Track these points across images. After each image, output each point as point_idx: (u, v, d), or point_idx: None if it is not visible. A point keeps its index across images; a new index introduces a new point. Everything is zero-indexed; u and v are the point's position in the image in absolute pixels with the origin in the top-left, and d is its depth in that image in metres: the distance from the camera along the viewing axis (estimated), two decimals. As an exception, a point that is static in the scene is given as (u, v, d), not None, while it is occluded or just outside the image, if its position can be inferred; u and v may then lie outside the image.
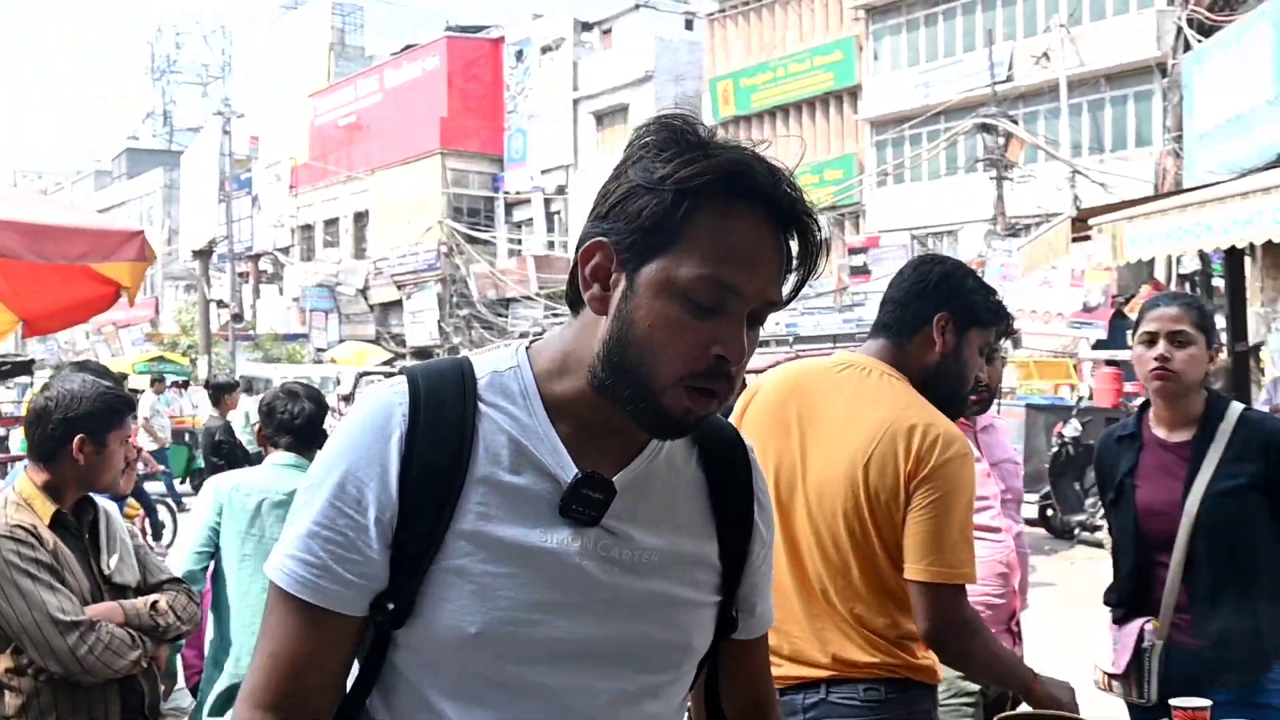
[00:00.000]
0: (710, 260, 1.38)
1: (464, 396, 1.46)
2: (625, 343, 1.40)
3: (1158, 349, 3.36)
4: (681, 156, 1.39)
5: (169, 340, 42.18)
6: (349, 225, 48.56)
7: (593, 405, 1.46)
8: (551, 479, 1.45)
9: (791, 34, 35.74)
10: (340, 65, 52.20)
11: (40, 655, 3.02)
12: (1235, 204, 8.70)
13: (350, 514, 1.42)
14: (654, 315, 1.39)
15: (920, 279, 2.85)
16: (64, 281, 5.91)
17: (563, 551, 1.44)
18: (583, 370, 1.45)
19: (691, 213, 1.38)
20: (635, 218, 1.40)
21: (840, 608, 2.68)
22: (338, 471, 1.44)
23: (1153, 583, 3.42)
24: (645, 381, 1.40)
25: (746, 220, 1.40)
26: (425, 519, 1.42)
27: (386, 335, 44.13)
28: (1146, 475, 3.47)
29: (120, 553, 3.30)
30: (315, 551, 1.42)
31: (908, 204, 31.90)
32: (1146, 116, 27.19)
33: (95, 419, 3.22)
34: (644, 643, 1.51)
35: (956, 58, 30.79)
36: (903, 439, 2.62)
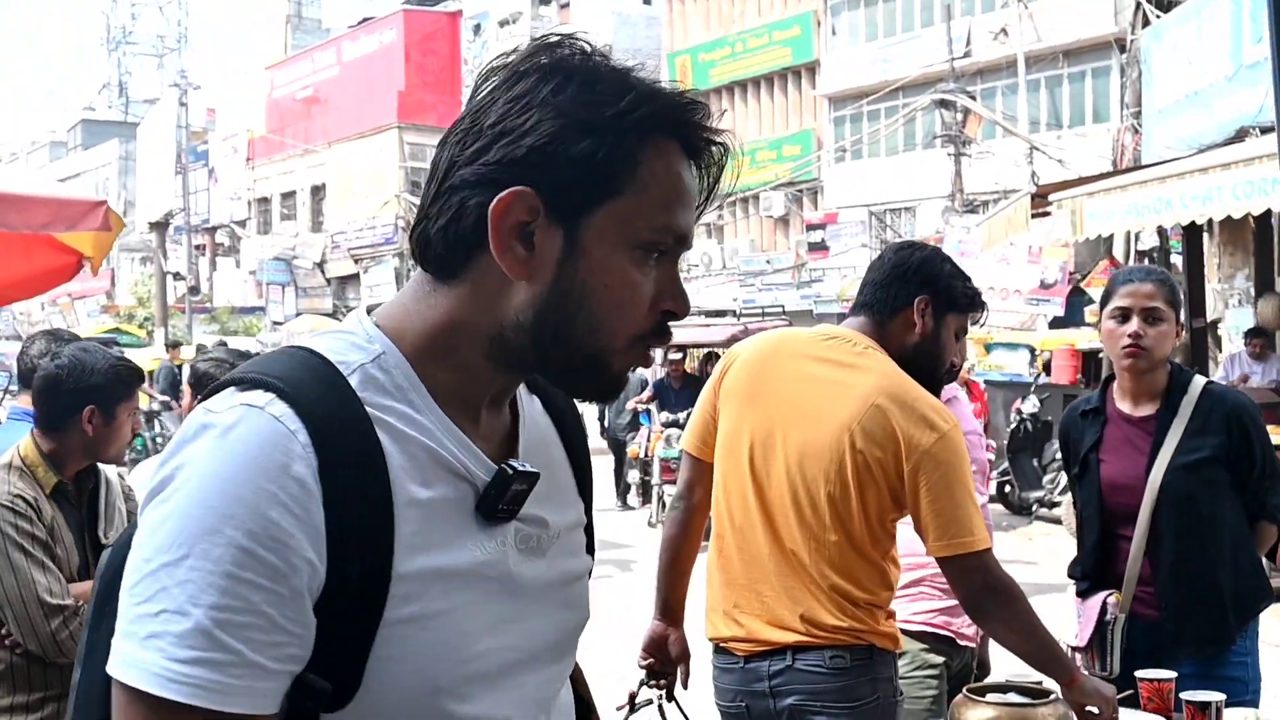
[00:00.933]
0: (665, 207, 1.22)
1: (349, 403, 1.16)
2: (570, 308, 1.20)
3: (1131, 325, 3.35)
4: (635, 91, 1.20)
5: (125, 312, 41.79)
6: (306, 199, 48.22)
7: (481, 383, 1.26)
8: (464, 481, 1.22)
9: (750, 9, 35.72)
10: (297, 38, 51.74)
11: (20, 631, 3.01)
12: (1195, 180, 8.79)
13: (268, 585, 1.07)
14: (611, 274, 1.20)
15: (901, 262, 2.94)
16: (26, 251, 5.84)
17: (497, 561, 1.24)
18: (475, 344, 1.23)
19: (640, 154, 1.20)
20: (576, 162, 1.17)
21: (812, 570, 2.74)
22: (230, 533, 1.06)
23: (1116, 556, 3.44)
24: (595, 347, 1.22)
25: (681, 159, 1.24)
26: (363, 570, 1.12)
27: (343, 309, 43.86)
28: (1111, 449, 3.48)
29: (117, 525, 3.27)
30: (224, 644, 1.05)
31: (866, 180, 32.00)
32: (1104, 93, 27.37)
33: (106, 390, 3.19)
34: (571, 626, 1.38)
35: (915, 33, 30.86)
36: (895, 411, 2.70)
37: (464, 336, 1.23)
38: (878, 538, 2.77)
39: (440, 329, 1.23)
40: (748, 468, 2.84)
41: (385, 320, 1.24)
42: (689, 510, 3.08)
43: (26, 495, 3.06)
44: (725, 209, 35.87)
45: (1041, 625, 2.78)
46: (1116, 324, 3.39)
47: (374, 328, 1.23)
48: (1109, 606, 3.39)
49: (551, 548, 1.32)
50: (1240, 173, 8.30)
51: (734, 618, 2.84)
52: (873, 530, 2.75)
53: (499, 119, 1.19)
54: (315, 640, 1.11)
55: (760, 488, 2.81)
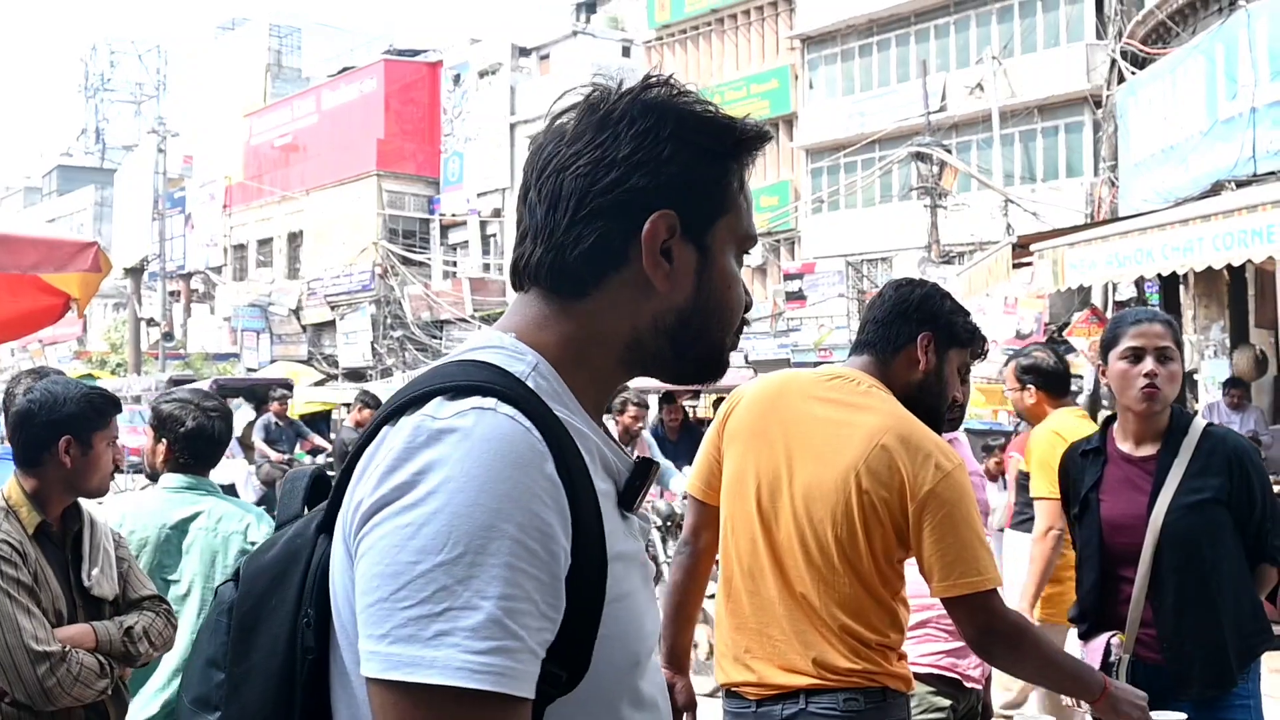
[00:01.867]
0: (749, 216, 1.41)
1: (544, 408, 1.24)
2: (711, 309, 1.36)
3: (1145, 365, 3.36)
4: (732, 122, 1.38)
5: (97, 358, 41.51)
6: (283, 245, 48.08)
7: (608, 388, 1.39)
8: (616, 474, 1.32)
9: (728, 62, 36.02)
10: (277, 86, 51.78)
11: (6, 679, 2.94)
12: (1175, 231, 8.90)
13: (536, 574, 1.14)
14: (729, 277, 1.38)
15: (902, 300, 2.93)
16: (12, 293, 5.78)
17: (640, 549, 1.36)
18: (609, 352, 1.34)
19: (738, 175, 1.39)
20: (708, 185, 1.35)
21: (822, 612, 2.71)
22: (505, 527, 1.12)
23: (1117, 597, 3.43)
24: (721, 339, 1.38)
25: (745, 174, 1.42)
26: (594, 557, 1.21)
27: (319, 356, 43.68)
28: (1111, 489, 3.49)
29: (102, 565, 3.21)
30: (514, 632, 1.11)
31: (842, 231, 32.19)
32: (1077, 147, 27.69)
33: (79, 420, 3.15)
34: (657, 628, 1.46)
35: (891, 88, 31.18)
36: (900, 451, 2.68)
37: (597, 345, 1.34)
38: (887, 578, 2.75)
39: (576, 340, 1.33)
40: (755, 510, 2.81)
41: (526, 336, 1.32)
42: (695, 555, 3.05)
43: (11, 539, 3.01)
44: (702, 259, 35.99)
45: (1054, 652, 2.78)
46: (1129, 365, 3.40)
47: (517, 341, 1.31)
48: (1113, 648, 3.38)
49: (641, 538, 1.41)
50: (1220, 225, 8.41)
51: (745, 662, 2.80)
52: (881, 570, 2.73)
53: (632, 152, 1.31)
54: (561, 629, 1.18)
55: (768, 530, 2.79)
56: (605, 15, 44.39)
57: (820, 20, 32.82)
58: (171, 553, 3.68)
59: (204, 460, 3.80)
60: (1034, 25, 28.51)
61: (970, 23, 29.99)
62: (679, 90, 1.38)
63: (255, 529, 3.71)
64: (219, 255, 50.87)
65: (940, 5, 30.43)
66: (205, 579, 3.65)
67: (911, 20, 31.22)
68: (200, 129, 51.83)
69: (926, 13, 30.83)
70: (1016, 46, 28.32)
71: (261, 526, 3.74)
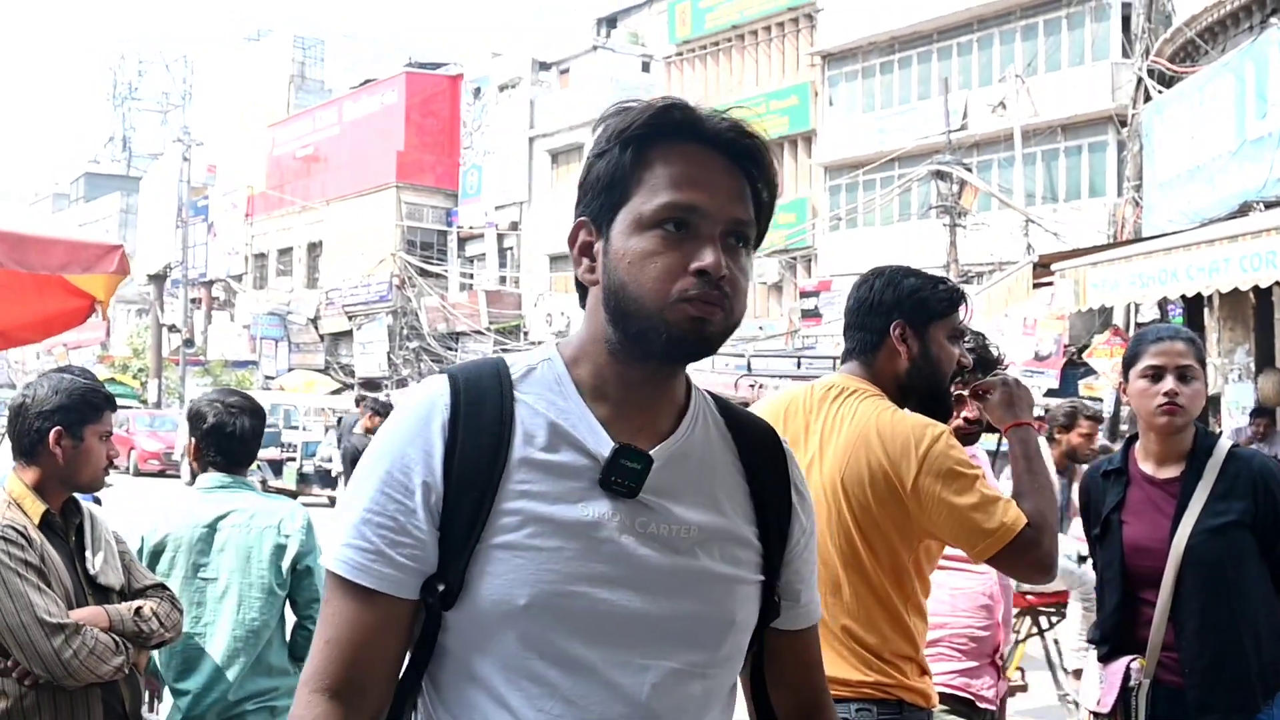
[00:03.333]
0: (666, 190, 1.50)
1: (500, 388, 1.54)
2: (618, 288, 1.51)
3: (1166, 384, 3.33)
4: (619, 114, 1.55)
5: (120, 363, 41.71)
6: (302, 255, 48.26)
7: (620, 381, 1.56)
8: (590, 456, 1.52)
9: (748, 78, 36.04)
10: (299, 97, 52.07)
11: (25, 656, 3.01)
12: (1200, 252, 8.83)
13: (399, 499, 1.49)
14: (631, 255, 1.51)
15: (865, 295, 2.89)
16: (39, 294, 5.84)
17: (603, 524, 1.50)
18: (600, 345, 1.56)
19: (640, 159, 1.52)
20: (596, 183, 1.54)
21: (832, 625, 2.67)
22: (386, 460, 1.51)
23: (1138, 620, 3.39)
24: (646, 311, 1.49)
25: (692, 151, 1.52)
26: (471, 499, 1.48)
27: (335, 365, 43.82)
28: (1133, 511, 3.44)
29: (105, 554, 3.30)
30: (368, 537, 1.48)
31: (860, 249, 32.09)
32: (1100, 167, 27.60)
33: (70, 412, 3.23)
34: (686, 618, 1.54)
35: (911, 105, 31.14)
36: (873, 449, 2.65)
37: (592, 344, 1.58)
38: (900, 583, 2.71)
39: (580, 340, 1.61)
40: None
41: (563, 340, 1.63)
42: None
43: (17, 525, 3.09)
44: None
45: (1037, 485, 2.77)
46: (1149, 383, 3.37)
47: (553, 345, 1.62)
48: (1133, 672, 3.34)
49: (681, 541, 1.55)
50: (1247, 245, 8.35)
51: None
52: (890, 577, 2.69)
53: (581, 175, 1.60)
54: (440, 553, 1.49)
55: None
56: (626, 30, 44.48)
57: (841, 37, 32.83)
58: (206, 552, 3.77)
59: (232, 457, 3.89)
60: (1058, 43, 28.44)
61: (993, 40, 29.94)
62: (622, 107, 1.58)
63: (290, 522, 3.84)
64: (240, 263, 51.11)
65: (963, 23, 30.40)
66: (242, 575, 3.78)
67: (934, 37, 31.20)
68: (224, 138, 52.10)
69: (949, 30, 30.80)
70: (1040, 64, 28.26)
71: (296, 519, 3.85)
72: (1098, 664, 3.51)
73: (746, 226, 1.54)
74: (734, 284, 1.51)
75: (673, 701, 1.52)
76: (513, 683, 1.48)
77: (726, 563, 1.58)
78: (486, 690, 1.49)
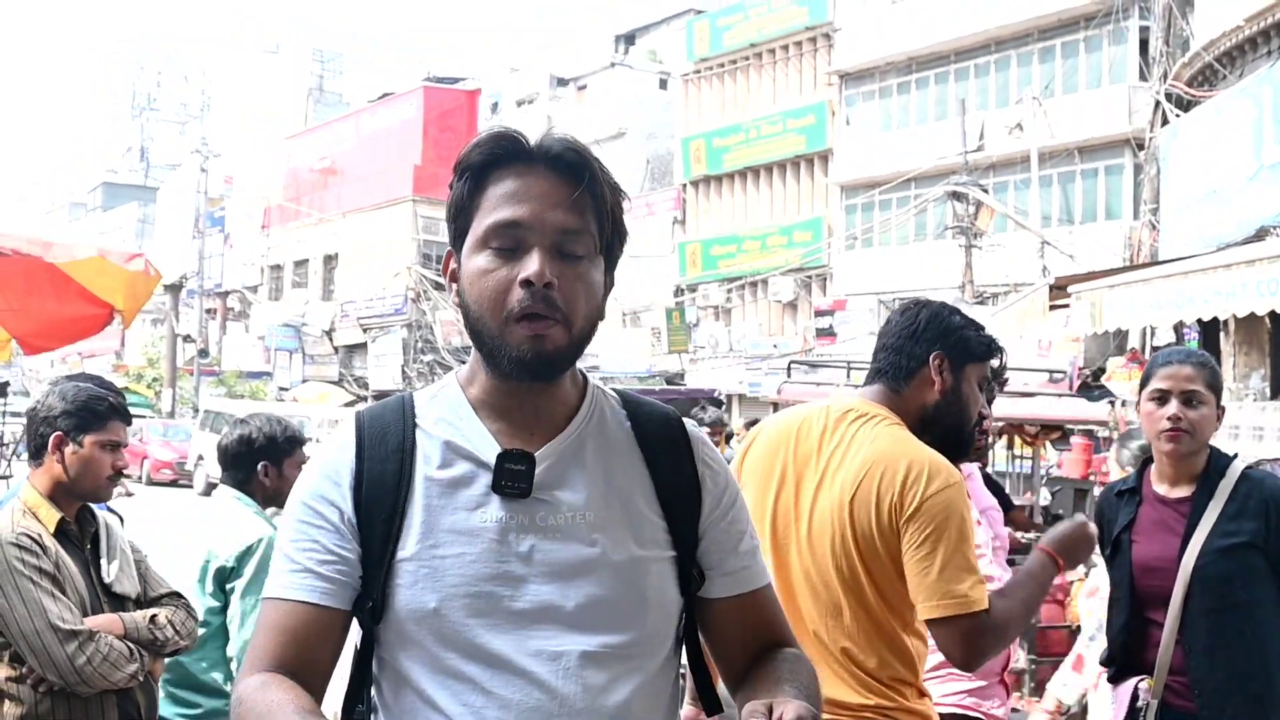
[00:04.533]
0: (493, 211, 1.61)
1: (403, 420, 1.69)
2: (466, 309, 1.65)
3: (1170, 408, 3.32)
4: (464, 149, 1.66)
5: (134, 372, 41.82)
6: (318, 267, 48.38)
7: (501, 393, 1.68)
8: (484, 465, 1.64)
9: (765, 96, 36.09)
10: (317, 109, 52.32)
11: (39, 663, 3.02)
12: (1217, 275, 8.81)
13: (318, 524, 1.64)
14: (471, 274, 1.63)
15: (909, 322, 2.86)
16: (59, 300, 5.88)
17: (499, 526, 1.62)
18: (481, 364, 1.69)
19: (477, 186, 1.64)
20: (449, 213, 1.68)
21: (831, 648, 2.66)
22: (304, 496, 1.67)
23: (1146, 641, 3.37)
24: (489, 331, 1.62)
25: (517, 172, 1.63)
26: (381, 520, 1.63)
27: (350, 378, 43.87)
28: (1144, 530, 3.44)
29: (120, 563, 3.31)
30: (296, 559, 1.63)
31: (875, 268, 32.13)
32: (1117, 190, 27.58)
33: (70, 418, 3.24)
34: (594, 603, 1.62)
35: (928, 126, 31.15)
36: (886, 476, 2.62)
37: (477, 363, 1.71)
38: (894, 609, 2.68)
39: (470, 363, 1.74)
40: (770, 548, 2.77)
41: (463, 367, 1.76)
42: None
43: (31, 532, 3.10)
44: (734, 292, 36.02)
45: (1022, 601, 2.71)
46: (1155, 406, 3.37)
47: (453, 374, 1.76)
48: (1141, 692, 3.33)
49: (579, 527, 1.64)
50: (1263, 270, 8.33)
51: None
52: (887, 603, 2.67)
53: None
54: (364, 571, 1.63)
55: (781, 567, 2.74)
56: (644, 47, 44.64)
57: (859, 57, 32.89)
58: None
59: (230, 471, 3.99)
60: (1076, 66, 28.45)
61: (1011, 62, 29.97)
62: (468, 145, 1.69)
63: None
64: (256, 274, 51.27)
65: (981, 44, 30.43)
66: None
67: (951, 58, 31.24)
68: (242, 150, 52.30)
69: (967, 51, 30.84)
70: (1058, 87, 28.26)
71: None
72: (1107, 685, 3.50)
73: (579, 235, 1.62)
74: (568, 295, 1.60)
75: (590, 683, 1.60)
76: (438, 681, 1.60)
77: (630, 543, 1.66)
78: (418, 693, 1.61)
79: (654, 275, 36.53)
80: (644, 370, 37.11)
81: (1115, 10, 26.67)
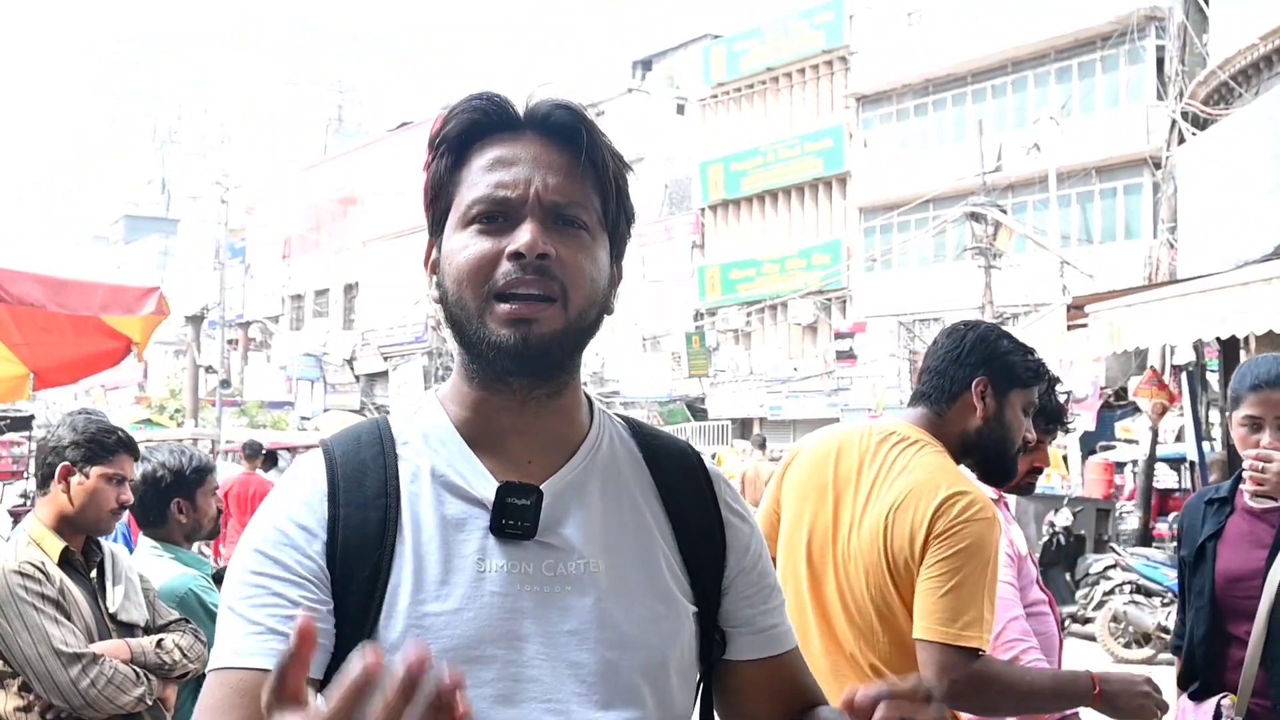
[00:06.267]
0: (477, 183, 1.39)
1: (382, 454, 1.39)
2: (445, 295, 1.40)
3: (1263, 437, 3.20)
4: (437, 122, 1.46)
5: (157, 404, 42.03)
6: (339, 296, 48.62)
7: (488, 409, 1.42)
8: (477, 502, 1.37)
9: (782, 120, 36.18)
10: (337, 139, 52.68)
11: (44, 688, 3.03)
12: (1235, 293, 8.75)
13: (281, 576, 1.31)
14: (453, 252, 1.39)
15: (955, 344, 2.81)
16: (76, 335, 5.92)
17: (501, 578, 1.34)
18: (463, 375, 1.44)
19: (457, 160, 1.42)
20: (426, 196, 1.44)
21: (865, 669, 2.65)
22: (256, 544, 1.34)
23: (1228, 659, 3.25)
24: (468, 318, 1.37)
25: (506, 138, 1.41)
26: (363, 580, 1.32)
27: (371, 406, 44.00)
28: (1231, 541, 3.32)
29: (127, 591, 3.32)
30: (253, 618, 1.28)
31: (895, 290, 32.11)
32: (1136, 209, 27.53)
33: (79, 449, 3.27)
34: (610, 670, 1.36)
35: (946, 147, 31.17)
36: (922, 503, 2.58)
37: (458, 376, 1.46)
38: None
39: (451, 380, 1.48)
40: (805, 566, 2.76)
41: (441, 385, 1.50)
42: None
43: (35, 560, 3.13)
44: (753, 316, 36.03)
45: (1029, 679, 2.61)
46: (1248, 432, 3.25)
47: (432, 392, 1.50)
48: (1224, 709, 3.21)
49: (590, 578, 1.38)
50: (1282, 287, 8.26)
51: None
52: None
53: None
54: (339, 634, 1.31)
55: (816, 586, 2.74)
56: (661, 72, 44.80)
57: (876, 79, 32.96)
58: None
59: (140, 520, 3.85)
60: (1093, 85, 28.46)
61: (1028, 82, 29.98)
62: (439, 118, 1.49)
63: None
64: (277, 305, 51.56)
65: (998, 65, 30.46)
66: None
67: (968, 80, 31.27)
68: (262, 181, 52.66)
69: (983, 72, 30.88)
70: (1075, 107, 28.27)
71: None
72: (1186, 700, 3.36)
73: (577, 206, 1.39)
74: (569, 267, 1.36)
75: None
76: None
77: (652, 599, 1.41)
78: None
79: (673, 300, 36.59)
80: (664, 395, 37.12)
81: (1131, 30, 26.68)
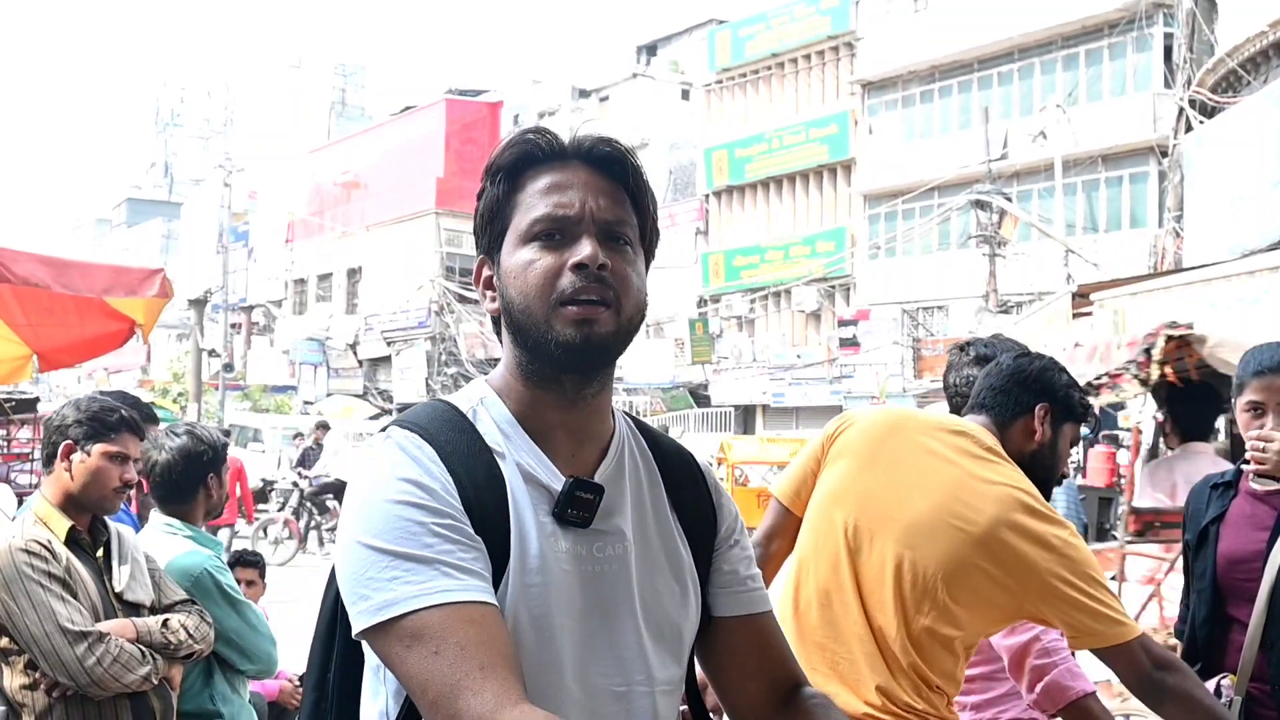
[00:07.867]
0: (536, 207, 1.55)
1: (477, 442, 1.53)
2: (509, 305, 1.55)
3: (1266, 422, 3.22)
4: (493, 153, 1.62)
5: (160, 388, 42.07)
6: (342, 280, 48.63)
7: (545, 407, 1.58)
8: (545, 490, 1.53)
9: (787, 106, 36.12)
10: (340, 123, 52.62)
11: (49, 666, 3.05)
12: (1241, 283, 8.73)
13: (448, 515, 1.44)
14: (514, 269, 1.54)
15: (1020, 370, 2.91)
16: (80, 317, 5.92)
17: (569, 558, 1.52)
18: (517, 376, 1.59)
19: (513, 186, 1.58)
20: (481, 220, 1.62)
21: (895, 647, 2.66)
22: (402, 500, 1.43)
23: (1228, 643, 3.28)
24: (534, 323, 1.52)
25: (555, 170, 1.58)
26: (490, 542, 1.46)
27: (374, 391, 44.04)
28: (1233, 524, 3.33)
29: (133, 570, 3.33)
30: (449, 560, 1.40)
31: (899, 278, 32.08)
32: (1141, 198, 27.47)
33: (81, 427, 3.27)
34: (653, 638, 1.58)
35: (951, 135, 31.12)
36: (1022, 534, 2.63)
37: (511, 376, 1.60)
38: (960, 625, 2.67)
39: (501, 376, 1.62)
40: (843, 532, 2.75)
41: (490, 379, 1.63)
42: (763, 560, 2.94)
43: (40, 539, 3.15)
44: (757, 303, 36.01)
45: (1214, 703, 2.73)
46: (1251, 417, 3.27)
47: (483, 382, 1.63)
48: (1224, 689, 3.22)
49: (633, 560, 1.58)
50: (1289, 276, 8.23)
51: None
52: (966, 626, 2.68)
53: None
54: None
55: (854, 554, 2.73)
56: (666, 58, 44.71)
57: (881, 65, 32.89)
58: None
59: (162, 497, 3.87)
60: (1099, 73, 28.38)
61: (1034, 70, 29.91)
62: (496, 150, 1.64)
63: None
64: (280, 289, 51.57)
65: (1004, 52, 30.39)
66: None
67: (974, 67, 31.19)
68: (265, 164, 52.65)
69: (990, 59, 30.80)
70: (1081, 94, 28.19)
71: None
72: None
73: (624, 225, 1.57)
74: (620, 277, 1.53)
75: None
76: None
77: (672, 575, 1.63)
78: None
79: (677, 286, 36.56)
80: (667, 381, 37.13)
81: (1139, 17, 26.58)
